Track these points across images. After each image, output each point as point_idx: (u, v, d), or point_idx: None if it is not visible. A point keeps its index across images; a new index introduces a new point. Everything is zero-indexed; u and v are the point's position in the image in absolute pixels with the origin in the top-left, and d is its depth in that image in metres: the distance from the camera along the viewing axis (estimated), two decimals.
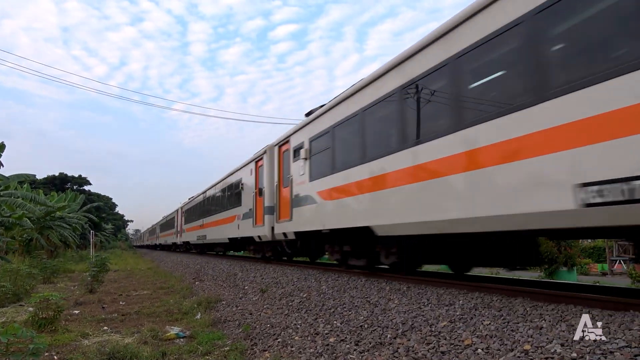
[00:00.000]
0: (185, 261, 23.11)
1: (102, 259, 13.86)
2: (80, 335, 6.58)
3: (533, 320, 4.38)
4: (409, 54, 7.14)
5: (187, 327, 7.09)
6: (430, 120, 6.81)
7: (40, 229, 24.41)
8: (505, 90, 5.62)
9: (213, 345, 5.83)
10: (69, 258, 27.35)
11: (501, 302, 5.31)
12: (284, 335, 5.94)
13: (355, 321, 5.83)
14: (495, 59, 5.73)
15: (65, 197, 32.34)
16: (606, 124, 4.16)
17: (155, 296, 11.12)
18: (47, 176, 59.58)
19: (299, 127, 11.68)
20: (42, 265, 14.89)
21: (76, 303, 9.84)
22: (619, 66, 4.10)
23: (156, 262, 28.88)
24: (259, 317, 7.25)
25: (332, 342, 5.24)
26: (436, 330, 4.75)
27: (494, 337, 4.17)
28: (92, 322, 7.72)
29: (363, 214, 8.29)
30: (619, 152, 4.05)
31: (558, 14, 4.75)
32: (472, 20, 5.84)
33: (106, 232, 60.62)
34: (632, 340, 3.38)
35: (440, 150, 6.31)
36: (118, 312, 8.78)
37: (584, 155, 4.36)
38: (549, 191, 4.75)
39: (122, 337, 6.43)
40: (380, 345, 4.80)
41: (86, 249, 37.23)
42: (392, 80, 7.50)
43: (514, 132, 5.14)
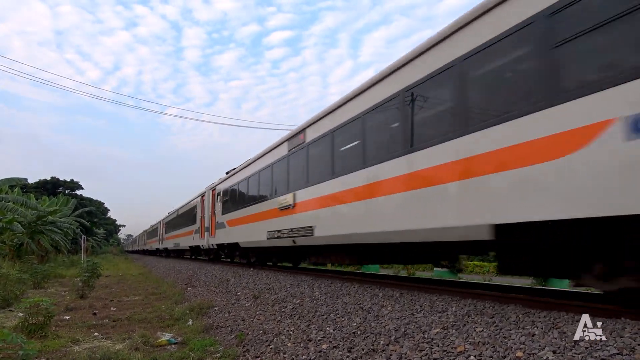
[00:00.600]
0: (177, 267, 22.98)
1: (93, 264, 13.75)
2: (71, 341, 6.50)
3: (525, 327, 4.40)
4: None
5: (179, 334, 7.04)
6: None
7: (31, 233, 24.21)
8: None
9: (205, 352, 5.79)
10: (60, 263, 27.04)
11: (494, 309, 5.32)
12: (277, 342, 5.91)
13: (348, 328, 5.82)
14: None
15: (57, 201, 32.15)
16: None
17: (147, 302, 11.04)
18: (39, 180, 59.09)
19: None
20: (33, 270, 14.76)
21: (67, 308, 9.74)
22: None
23: (148, 267, 28.67)
24: (251, 324, 7.21)
25: (324, 348, 5.22)
26: (429, 337, 4.75)
27: (486, 344, 4.17)
28: (82, 328, 7.64)
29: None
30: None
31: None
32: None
33: (98, 237, 60.19)
34: (624, 348, 3.41)
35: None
36: (109, 317, 8.71)
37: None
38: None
39: (113, 343, 6.37)
40: (373, 352, 4.79)
41: (77, 254, 36.89)
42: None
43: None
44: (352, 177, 8.44)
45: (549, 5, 4.75)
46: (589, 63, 4.49)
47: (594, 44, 4.41)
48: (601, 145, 4.16)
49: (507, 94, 5.37)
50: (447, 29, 6.25)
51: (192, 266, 21.42)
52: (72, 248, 36.37)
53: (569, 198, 4.45)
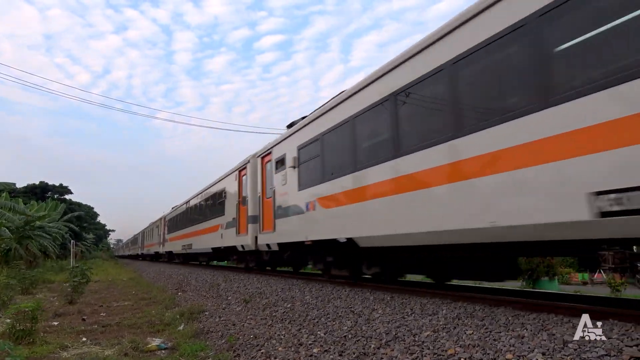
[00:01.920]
0: (168, 271, 22.83)
1: (82, 269, 13.62)
2: (59, 347, 6.44)
3: (515, 329, 4.42)
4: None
5: (170, 339, 7.00)
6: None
7: (19, 238, 23.96)
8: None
9: (195, 357, 5.77)
10: (48, 268, 26.76)
11: (484, 312, 5.35)
12: (268, 346, 5.89)
13: (339, 331, 5.81)
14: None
15: (46, 206, 31.85)
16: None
17: (137, 307, 10.96)
18: (27, 185, 58.50)
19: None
20: (21, 275, 14.59)
21: (55, 314, 9.63)
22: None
23: (138, 272, 28.46)
24: (242, 328, 7.19)
25: (315, 352, 5.22)
26: (419, 340, 4.76)
27: (476, 347, 4.19)
28: (71, 334, 7.57)
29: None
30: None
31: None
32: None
33: (87, 241, 59.68)
34: (611, 349, 3.44)
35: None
36: (98, 323, 8.62)
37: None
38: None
39: (102, 349, 6.31)
40: (364, 356, 4.79)
41: (66, 259, 36.53)
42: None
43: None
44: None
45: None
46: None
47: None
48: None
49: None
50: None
51: (182, 271, 21.28)
52: (61, 253, 36.00)
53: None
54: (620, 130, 3.91)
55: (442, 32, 6.06)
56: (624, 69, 3.95)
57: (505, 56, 5.21)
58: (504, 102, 5.23)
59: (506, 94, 5.28)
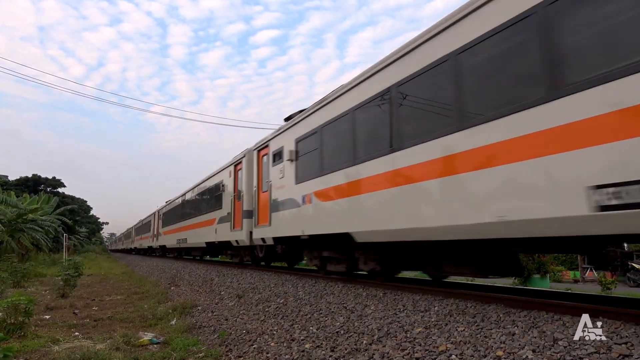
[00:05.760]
0: (161, 266, 22.78)
1: (75, 263, 13.55)
2: (51, 341, 6.41)
3: (506, 326, 4.45)
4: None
5: (162, 333, 6.98)
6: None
7: (11, 231, 23.77)
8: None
9: (188, 352, 5.75)
10: (40, 262, 26.60)
11: (475, 309, 5.38)
12: (260, 342, 5.90)
13: (332, 327, 5.83)
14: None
15: (38, 199, 31.56)
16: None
17: (129, 301, 10.93)
18: (20, 178, 58.00)
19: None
20: (13, 269, 14.49)
21: (47, 308, 9.58)
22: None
23: (131, 266, 28.38)
24: (234, 323, 7.19)
25: (307, 348, 5.23)
26: (411, 337, 4.78)
27: (467, 344, 4.22)
28: (63, 328, 7.53)
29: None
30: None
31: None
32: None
33: (80, 235, 59.27)
34: (601, 347, 3.47)
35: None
36: (90, 317, 8.59)
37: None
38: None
39: (94, 343, 6.28)
40: (355, 352, 4.80)
41: (59, 252, 36.33)
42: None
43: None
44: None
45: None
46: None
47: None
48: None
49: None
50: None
51: (175, 265, 21.24)
52: (53, 247, 35.74)
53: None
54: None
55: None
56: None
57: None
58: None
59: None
